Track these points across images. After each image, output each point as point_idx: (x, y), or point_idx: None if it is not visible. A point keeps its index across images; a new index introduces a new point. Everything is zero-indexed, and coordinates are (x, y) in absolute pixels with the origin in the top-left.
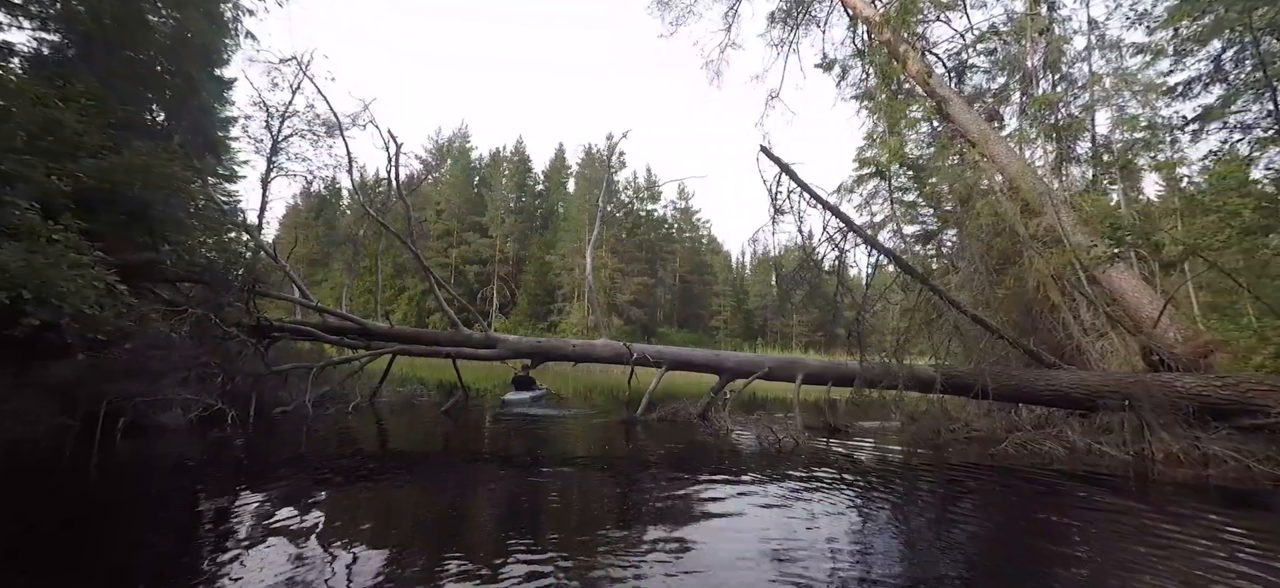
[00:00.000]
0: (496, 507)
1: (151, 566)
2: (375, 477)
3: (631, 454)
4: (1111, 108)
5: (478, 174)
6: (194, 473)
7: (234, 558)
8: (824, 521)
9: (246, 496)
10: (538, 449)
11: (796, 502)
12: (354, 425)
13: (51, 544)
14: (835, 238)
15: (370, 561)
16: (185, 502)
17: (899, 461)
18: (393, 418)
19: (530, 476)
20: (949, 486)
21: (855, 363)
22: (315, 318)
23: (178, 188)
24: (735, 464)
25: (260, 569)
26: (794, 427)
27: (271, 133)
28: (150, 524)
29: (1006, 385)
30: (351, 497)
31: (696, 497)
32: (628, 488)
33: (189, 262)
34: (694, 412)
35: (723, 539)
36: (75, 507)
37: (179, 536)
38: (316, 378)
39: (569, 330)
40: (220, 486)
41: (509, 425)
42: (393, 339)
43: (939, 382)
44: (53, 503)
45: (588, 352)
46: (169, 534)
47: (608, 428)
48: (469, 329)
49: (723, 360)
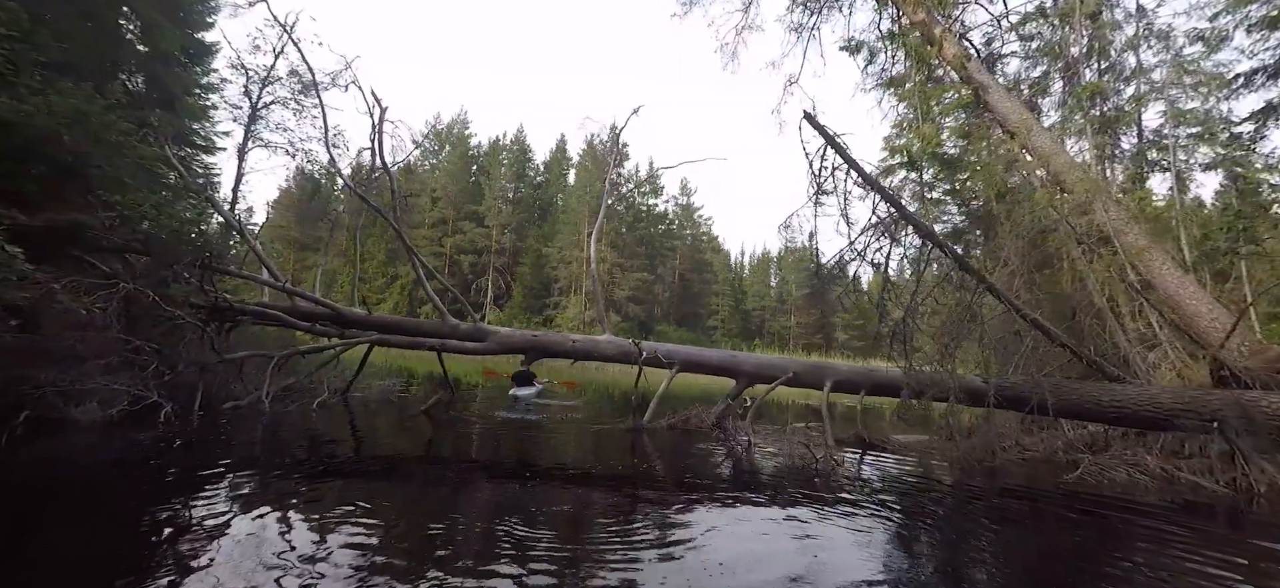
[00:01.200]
0: (469, 538)
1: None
2: (319, 493)
3: (636, 470)
4: (1165, 99)
5: (476, 162)
6: (95, 479)
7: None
8: (870, 561)
9: (151, 512)
10: (528, 462)
11: (833, 534)
12: (318, 425)
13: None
14: (888, 225)
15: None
16: (65, 517)
17: (952, 484)
18: (365, 417)
19: (515, 496)
20: (1031, 521)
21: (892, 370)
22: (285, 301)
23: (119, 142)
24: (756, 484)
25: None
26: (824, 440)
27: (250, 99)
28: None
29: (1067, 400)
30: (279, 516)
31: (713, 524)
32: (631, 511)
33: (129, 230)
34: (707, 419)
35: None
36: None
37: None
38: (281, 369)
39: (566, 325)
40: (119, 498)
41: (498, 430)
42: (370, 327)
43: (991, 393)
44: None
45: (590, 349)
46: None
47: (609, 437)
48: (457, 320)
49: (740, 363)
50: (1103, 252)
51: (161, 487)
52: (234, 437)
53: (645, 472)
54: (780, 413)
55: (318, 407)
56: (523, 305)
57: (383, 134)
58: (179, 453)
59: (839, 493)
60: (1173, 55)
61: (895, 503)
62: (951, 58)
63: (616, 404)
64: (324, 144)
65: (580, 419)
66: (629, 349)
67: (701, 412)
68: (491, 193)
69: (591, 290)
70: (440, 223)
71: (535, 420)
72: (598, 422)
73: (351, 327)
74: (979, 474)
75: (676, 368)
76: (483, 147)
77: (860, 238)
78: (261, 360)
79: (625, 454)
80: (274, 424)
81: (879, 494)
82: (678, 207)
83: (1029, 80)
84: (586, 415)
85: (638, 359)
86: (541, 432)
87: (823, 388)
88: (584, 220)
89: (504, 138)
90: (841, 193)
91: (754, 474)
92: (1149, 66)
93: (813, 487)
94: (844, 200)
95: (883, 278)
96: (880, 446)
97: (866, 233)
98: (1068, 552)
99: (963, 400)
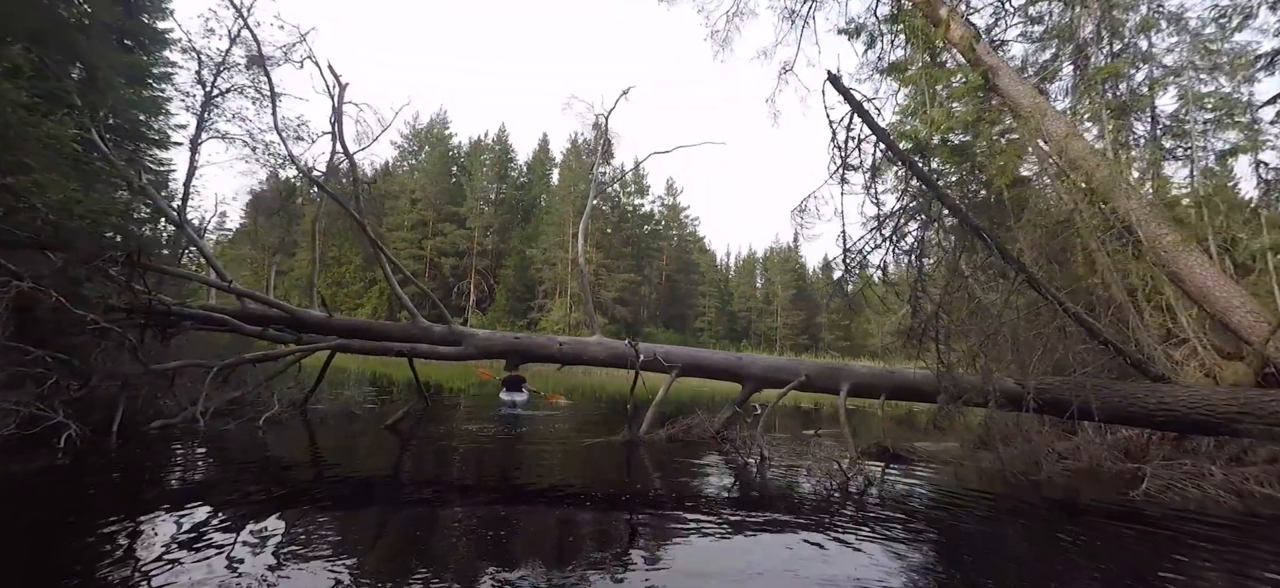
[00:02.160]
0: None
1: None
2: (249, 530)
3: (632, 490)
4: (1184, 81)
5: (457, 163)
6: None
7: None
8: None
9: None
10: (509, 484)
11: (866, 565)
12: (263, 445)
13: None
14: (920, 207)
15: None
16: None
17: (995, 499)
18: (323, 434)
19: (493, 526)
20: (1108, 545)
21: (917, 371)
22: (233, 304)
23: (20, 119)
24: (771, 503)
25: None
26: (845, 451)
27: (204, 86)
28: None
29: (1111, 403)
30: (195, 559)
31: (723, 554)
32: (628, 540)
33: (31, 219)
34: (711, 428)
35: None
36: None
37: None
38: (228, 380)
39: (551, 328)
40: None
41: (476, 446)
42: (331, 331)
43: (1031, 396)
44: None
45: (578, 352)
46: None
47: (601, 453)
48: (430, 322)
49: (747, 366)
50: (1123, 243)
51: (33, 529)
52: (155, 462)
53: (643, 492)
54: (787, 420)
55: (265, 423)
56: (506, 309)
57: (343, 115)
58: (72, 483)
59: (867, 512)
60: (1192, 34)
61: (937, 523)
62: (958, 39)
63: (606, 413)
64: (272, 124)
65: (567, 431)
66: (623, 352)
67: (705, 420)
68: (473, 194)
69: (578, 291)
70: (420, 225)
71: (519, 434)
72: (587, 433)
73: (309, 331)
74: (1023, 488)
75: (676, 372)
76: (463, 147)
77: (888, 221)
78: (199, 371)
79: (619, 471)
80: (210, 445)
81: (915, 514)
82: (664, 207)
83: (1036, 65)
84: (574, 426)
85: (634, 363)
86: (525, 447)
87: (838, 392)
88: (568, 221)
89: (485, 137)
90: (867, 169)
91: (767, 492)
92: (1165, 48)
93: (834, 506)
94: (870, 177)
95: (918, 267)
96: (906, 456)
97: (894, 216)
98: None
99: (1003, 405)
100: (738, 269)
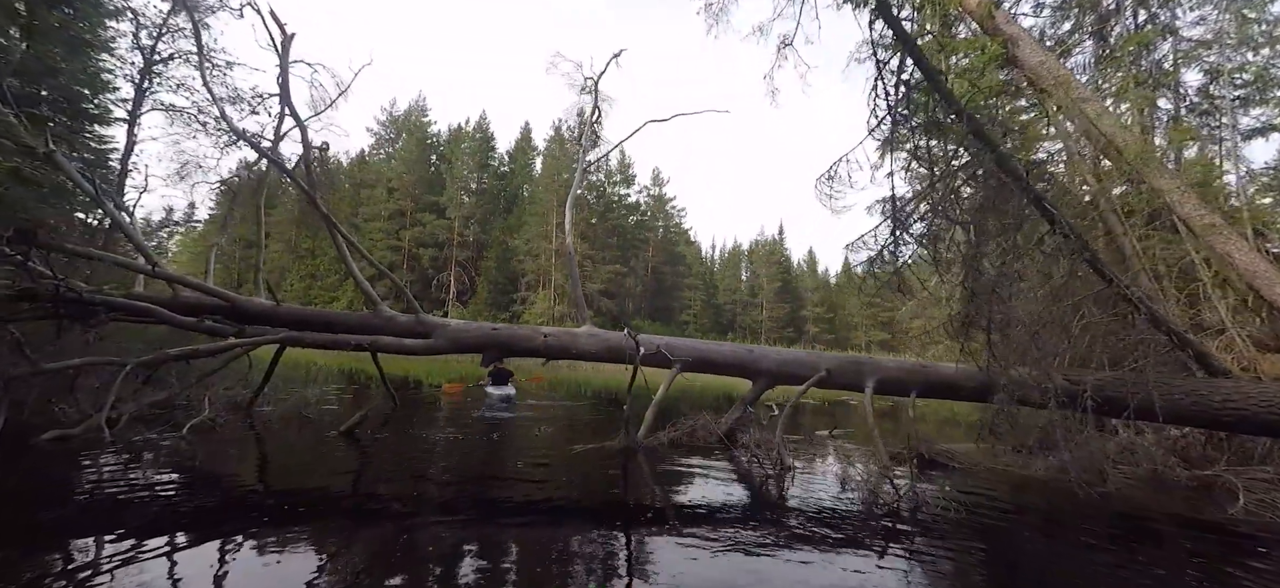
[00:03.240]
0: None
1: None
2: None
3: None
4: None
5: (436, 152)
6: None
7: None
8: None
9: None
10: (485, 498)
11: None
12: (187, 456)
13: None
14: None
15: None
16: None
17: (1064, 517)
18: (266, 441)
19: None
20: None
21: (955, 366)
22: (165, 291)
23: None
24: (788, 517)
25: None
26: (875, 456)
27: (142, 52)
28: None
29: (1173, 401)
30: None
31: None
32: (630, 570)
33: None
34: (718, 430)
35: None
36: None
37: None
38: (150, 381)
39: (535, 322)
40: None
41: (447, 455)
42: (279, 322)
43: (1089, 394)
44: None
45: (567, 345)
46: None
47: (593, 460)
48: (395, 311)
49: (758, 360)
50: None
51: None
52: (39, 481)
53: (643, 507)
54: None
55: (190, 431)
56: (488, 301)
57: (289, 71)
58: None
59: (909, 529)
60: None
61: (996, 546)
62: (975, 7)
63: (594, 412)
64: (199, 71)
65: (553, 434)
66: (619, 344)
67: (711, 422)
68: (453, 183)
69: (563, 283)
70: (397, 215)
71: (498, 440)
72: (576, 435)
73: (254, 322)
74: (1089, 501)
75: (678, 367)
76: (443, 135)
77: (939, 184)
78: (113, 371)
79: (615, 482)
80: (118, 459)
81: (967, 532)
82: (650, 197)
83: (1054, 38)
84: (560, 428)
85: (634, 356)
86: (505, 454)
87: (863, 389)
88: (552, 211)
89: (466, 125)
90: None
91: (787, 506)
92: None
93: (871, 523)
94: (921, 136)
95: (974, 241)
96: (944, 461)
97: (947, 178)
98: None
99: (1064, 404)
100: (723, 261)
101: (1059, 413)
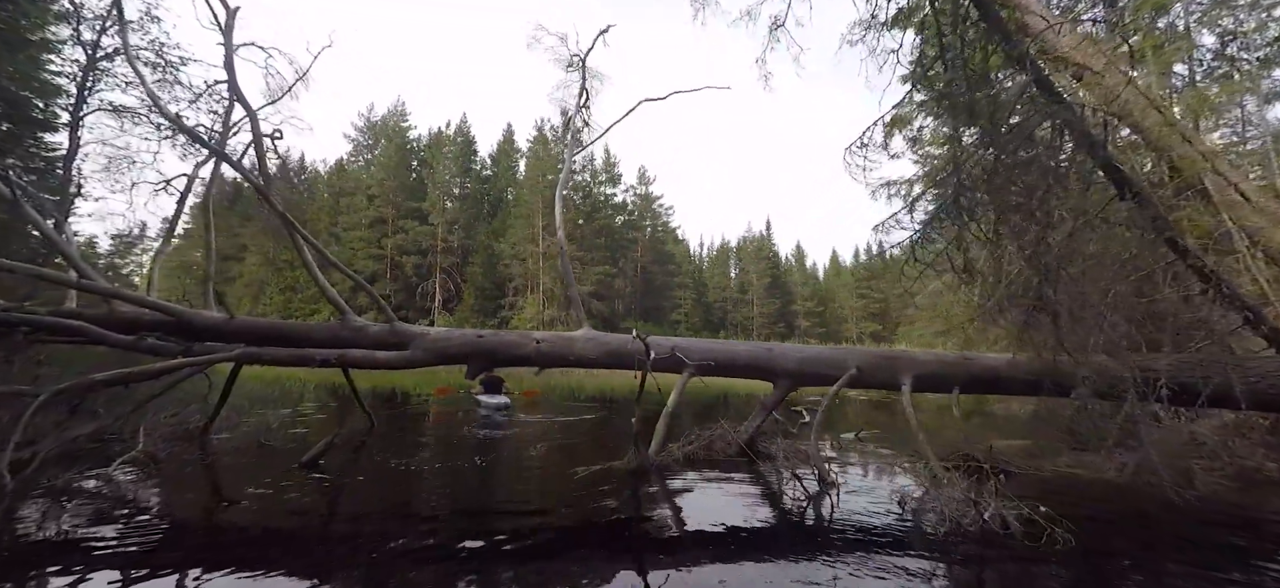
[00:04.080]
0: None
1: None
2: None
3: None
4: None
5: (416, 156)
6: None
7: None
8: None
9: None
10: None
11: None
12: (115, 495)
13: None
14: (1042, 119)
15: None
16: None
17: (1159, 525)
18: (219, 473)
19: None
20: None
21: (1008, 357)
22: (101, 308)
23: None
24: (846, 556)
25: None
26: (927, 466)
27: (84, 48)
28: None
29: (1253, 386)
30: None
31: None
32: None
33: None
34: (738, 440)
35: None
36: None
37: None
38: (76, 412)
39: (525, 327)
40: None
41: (427, 487)
42: (233, 337)
43: (1164, 380)
44: None
45: (563, 351)
46: None
47: (600, 486)
48: (364, 321)
49: (778, 359)
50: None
51: None
52: None
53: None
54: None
55: (119, 467)
56: (475, 308)
57: (233, 54)
58: None
59: (1015, 563)
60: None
61: (1090, 568)
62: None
63: (593, 422)
64: (120, 41)
65: (548, 452)
66: (623, 347)
67: (729, 432)
68: (435, 188)
69: (552, 286)
70: (379, 222)
71: (485, 466)
72: (578, 454)
73: (204, 338)
74: (1188, 509)
75: (690, 371)
76: (423, 139)
77: (1012, 137)
78: (22, 403)
79: (629, 510)
80: (26, 503)
81: (1078, 560)
82: (636, 197)
83: (1058, 6)
84: (557, 444)
85: (643, 360)
86: (496, 480)
87: (899, 387)
88: (538, 213)
89: (447, 128)
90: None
91: (834, 531)
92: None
93: (956, 557)
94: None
95: (1039, 211)
96: (1003, 466)
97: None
98: None
99: (1144, 395)
100: (711, 259)
101: (1140, 405)
